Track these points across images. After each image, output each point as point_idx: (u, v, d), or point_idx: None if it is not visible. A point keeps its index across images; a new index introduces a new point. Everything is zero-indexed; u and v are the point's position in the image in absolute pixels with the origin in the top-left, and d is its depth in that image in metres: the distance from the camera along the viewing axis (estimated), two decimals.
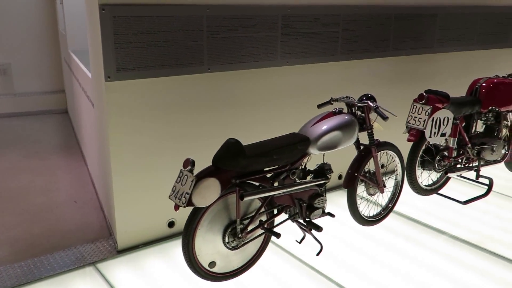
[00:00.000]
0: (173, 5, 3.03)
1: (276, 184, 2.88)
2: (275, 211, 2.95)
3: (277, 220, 2.98)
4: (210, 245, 2.73)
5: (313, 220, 3.03)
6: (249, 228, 2.79)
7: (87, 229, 3.67)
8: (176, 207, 2.48)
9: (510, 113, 4.20)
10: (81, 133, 5.51)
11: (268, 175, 2.84)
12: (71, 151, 5.62)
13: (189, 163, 2.46)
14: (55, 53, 7.49)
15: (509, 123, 4.19)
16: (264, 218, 2.89)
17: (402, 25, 4.31)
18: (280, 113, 3.76)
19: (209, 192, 2.47)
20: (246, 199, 2.64)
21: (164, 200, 3.03)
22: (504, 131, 4.10)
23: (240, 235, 2.75)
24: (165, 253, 3.26)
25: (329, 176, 3.08)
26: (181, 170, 2.50)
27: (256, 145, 2.75)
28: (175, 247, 3.28)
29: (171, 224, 3.43)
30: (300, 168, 3.00)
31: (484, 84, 3.94)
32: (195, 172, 2.49)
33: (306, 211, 3.00)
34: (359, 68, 4.16)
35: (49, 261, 3.17)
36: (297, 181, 2.97)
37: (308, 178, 3.05)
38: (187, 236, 2.61)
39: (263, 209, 2.85)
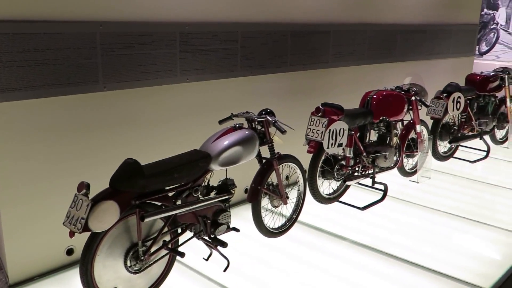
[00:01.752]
0: (62, 21, 2.90)
1: (178, 202, 2.83)
2: (179, 230, 2.90)
3: (182, 238, 2.93)
4: (111, 271, 2.61)
5: (218, 236, 3.02)
6: (152, 249, 2.72)
7: None
8: (71, 234, 2.35)
9: (399, 123, 4.53)
10: None
11: (170, 194, 2.79)
12: None
13: (83, 187, 2.36)
14: None
15: (398, 132, 4.51)
16: (167, 238, 2.83)
17: (298, 41, 4.49)
18: (181, 130, 3.72)
19: (107, 216, 2.37)
20: (147, 220, 2.57)
21: (60, 227, 2.83)
22: (395, 139, 4.40)
23: (142, 258, 2.66)
24: (64, 283, 3.06)
25: (233, 191, 3.10)
26: (75, 194, 2.38)
27: (155, 164, 2.70)
28: (75, 276, 3.09)
29: (69, 252, 3.23)
30: (203, 185, 2.98)
31: (374, 96, 4.21)
32: (91, 195, 2.38)
33: (211, 228, 2.98)
34: (259, 83, 4.25)
35: None
36: (200, 198, 2.95)
37: (212, 194, 3.04)
38: (85, 264, 2.49)
39: (166, 229, 2.79)
